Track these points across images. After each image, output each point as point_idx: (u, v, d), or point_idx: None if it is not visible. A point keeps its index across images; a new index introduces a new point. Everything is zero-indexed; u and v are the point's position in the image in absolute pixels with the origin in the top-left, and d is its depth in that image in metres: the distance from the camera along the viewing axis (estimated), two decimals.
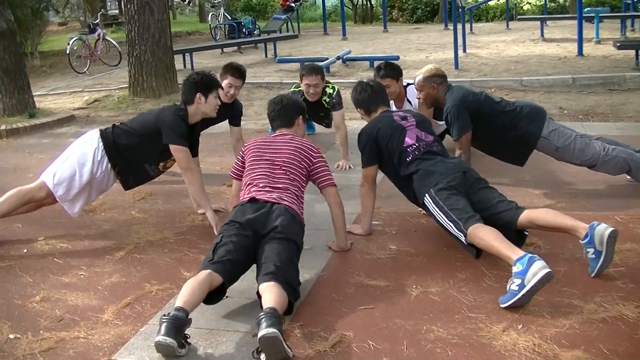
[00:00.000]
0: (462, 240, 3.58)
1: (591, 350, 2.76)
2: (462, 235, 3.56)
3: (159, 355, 2.87)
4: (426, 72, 4.89)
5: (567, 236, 3.62)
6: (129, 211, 5.01)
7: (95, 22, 14.33)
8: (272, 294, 2.98)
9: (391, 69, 5.48)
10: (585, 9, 12.26)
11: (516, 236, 3.64)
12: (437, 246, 3.96)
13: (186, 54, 12.59)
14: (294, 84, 6.56)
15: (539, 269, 3.07)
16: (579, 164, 4.77)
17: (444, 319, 3.10)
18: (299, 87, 6.22)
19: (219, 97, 4.51)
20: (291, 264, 3.30)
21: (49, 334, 3.19)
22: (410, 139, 4.07)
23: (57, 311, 3.44)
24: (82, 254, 4.25)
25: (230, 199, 4.31)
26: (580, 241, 3.45)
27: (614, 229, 3.35)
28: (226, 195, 5.29)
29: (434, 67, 4.95)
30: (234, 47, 15.07)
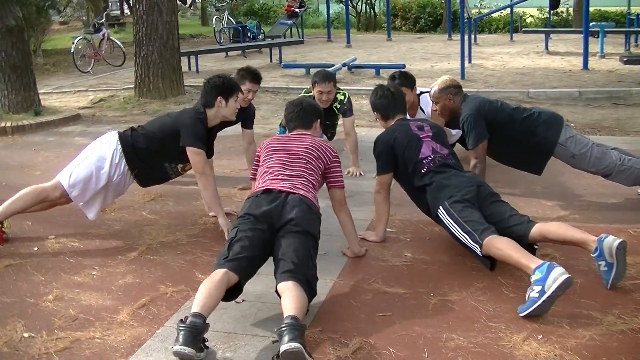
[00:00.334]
0: (478, 252, 3.58)
1: None
2: (478, 246, 3.56)
3: (177, 359, 2.85)
4: (442, 84, 4.89)
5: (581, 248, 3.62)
6: (140, 212, 4.99)
7: (100, 21, 14.29)
8: (291, 297, 2.95)
9: (405, 78, 5.49)
10: (590, 24, 12.28)
11: (527, 250, 3.64)
12: (452, 255, 3.95)
13: (191, 56, 12.59)
14: (301, 90, 6.56)
15: (559, 274, 3.08)
16: (594, 172, 4.77)
17: (464, 328, 3.09)
18: (309, 92, 6.22)
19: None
20: (309, 259, 3.26)
21: (64, 334, 3.16)
22: (426, 150, 4.08)
23: (71, 310, 3.42)
24: (94, 253, 4.23)
25: None
26: (591, 255, 3.45)
27: (622, 240, 3.36)
28: (237, 198, 5.29)
29: (449, 78, 4.95)
30: (238, 51, 15.09)
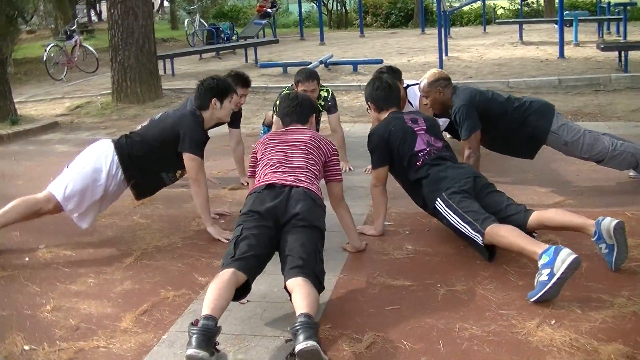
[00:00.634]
0: (479, 241, 3.56)
1: (629, 343, 2.75)
2: (480, 235, 3.54)
3: None
4: (430, 77, 4.86)
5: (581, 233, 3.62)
6: (131, 217, 4.88)
7: (72, 28, 14.09)
8: (303, 294, 2.89)
9: (394, 72, 5.45)
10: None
11: None
12: (453, 246, 3.92)
13: (167, 60, 12.46)
14: (279, 88, 6.49)
15: (567, 255, 3.08)
16: (587, 158, 4.78)
17: (475, 317, 3.06)
18: (293, 89, 6.16)
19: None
20: (316, 254, 3.20)
21: (67, 344, 3.06)
22: (421, 143, 4.05)
23: (71, 320, 3.32)
24: (88, 261, 4.12)
25: None
26: (591, 239, 3.45)
27: (619, 220, 3.37)
28: (227, 198, 5.22)
29: (438, 71, 4.93)
30: (212, 53, 14.98)
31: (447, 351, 2.79)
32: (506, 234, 3.46)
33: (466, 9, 21.23)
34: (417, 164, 4.01)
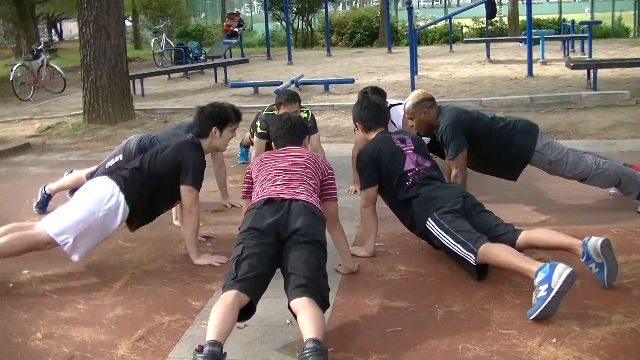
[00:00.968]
0: (471, 261, 3.59)
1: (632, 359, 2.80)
2: (472, 255, 3.57)
3: None
4: (414, 98, 4.88)
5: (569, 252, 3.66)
6: (115, 240, 4.77)
7: (38, 47, 13.87)
8: (309, 317, 2.86)
9: (378, 92, 5.47)
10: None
11: None
12: (446, 266, 3.93)
13: (136, 80, 12.32)
14: (253, 109, 6.45)
15: (563, 269, 3.14)
16: (570, 177, 4.85)
17: (477, 337, 3.07)
18: (272, 109, 6.15)
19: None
20: (319, 270, 3.18)
21: None
22: (410, 163, 4.08)
23: (65, 348, 3.23)
24: (76, 286, 4.02)
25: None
26: (580, 260, 3.50)
27: (605, 238, 3.44)
28: (210, 221, 5.16)
29: (422, 92, 4.96)
30: (181, 73, 14.89)
31: None
32: (500, 253, 3.50)
33: (431, 28, 21.53)
34: (407, 183, 4.04)
